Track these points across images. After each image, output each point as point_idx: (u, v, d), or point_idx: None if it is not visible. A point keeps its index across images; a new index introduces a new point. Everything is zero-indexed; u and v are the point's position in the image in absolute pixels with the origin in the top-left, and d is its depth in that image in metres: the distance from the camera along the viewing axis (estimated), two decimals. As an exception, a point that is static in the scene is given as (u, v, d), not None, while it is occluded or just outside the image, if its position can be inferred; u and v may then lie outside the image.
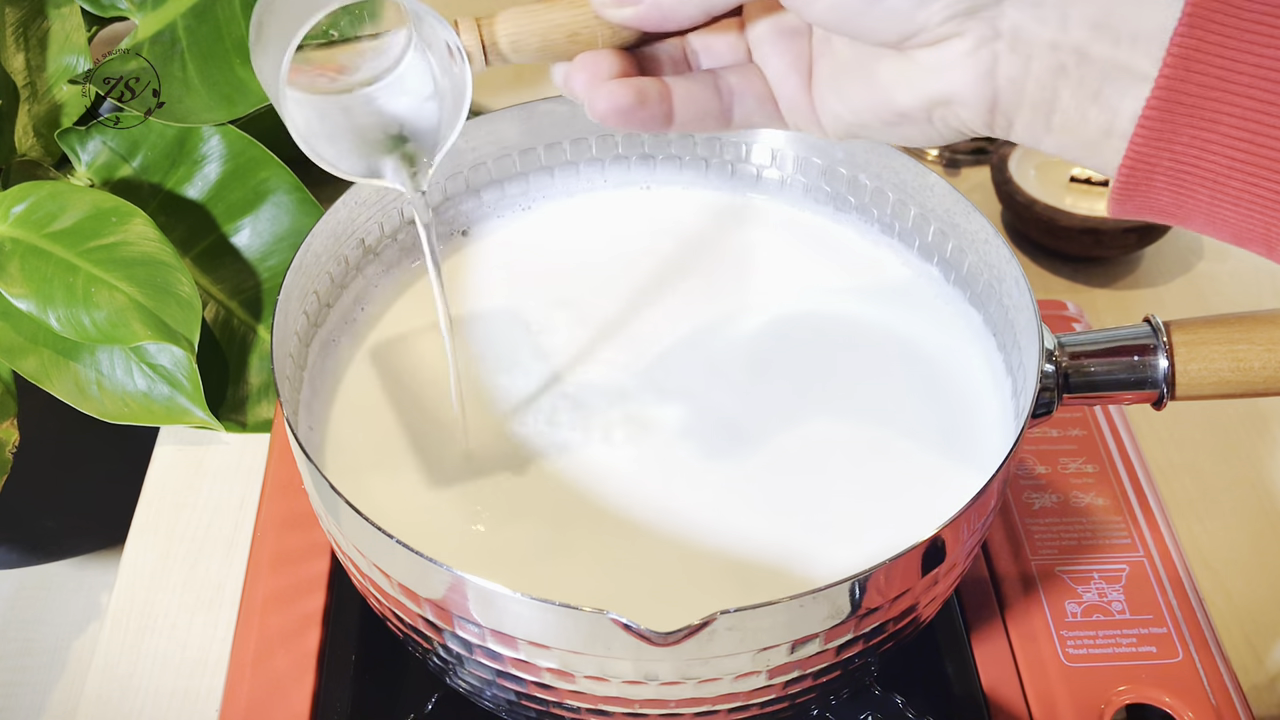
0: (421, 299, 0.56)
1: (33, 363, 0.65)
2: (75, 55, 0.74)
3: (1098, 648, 0.52)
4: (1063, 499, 0.58)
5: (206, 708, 0.56)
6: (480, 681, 0.44)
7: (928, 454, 0.49)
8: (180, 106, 0.69)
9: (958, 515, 0.40)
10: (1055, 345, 0.48)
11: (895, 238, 0.57)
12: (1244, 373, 0.47)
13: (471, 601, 0.39)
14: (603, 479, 0.48)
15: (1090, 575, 0.55)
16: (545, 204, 0.60)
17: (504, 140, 0.57)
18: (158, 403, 0.65)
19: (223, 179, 0.70)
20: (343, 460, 0.49)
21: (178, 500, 0.65)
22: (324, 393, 0.52)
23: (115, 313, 0.61)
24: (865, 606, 0.40)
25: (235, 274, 0.70)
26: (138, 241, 0.64)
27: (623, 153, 0.59)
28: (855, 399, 0.51)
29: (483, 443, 0.50)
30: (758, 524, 0.47)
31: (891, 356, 0.53)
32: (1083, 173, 0.80)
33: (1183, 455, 0.67)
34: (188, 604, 0.60)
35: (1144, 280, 0.78)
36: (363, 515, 0.40)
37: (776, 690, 0.42)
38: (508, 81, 0.97)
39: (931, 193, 0.54)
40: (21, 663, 1.14)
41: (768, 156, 0.58)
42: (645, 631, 0.36)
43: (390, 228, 0.56)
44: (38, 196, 0.65)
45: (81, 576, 1.19)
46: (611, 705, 0.42)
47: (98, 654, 0.58)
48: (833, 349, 0.53)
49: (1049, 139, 0.35)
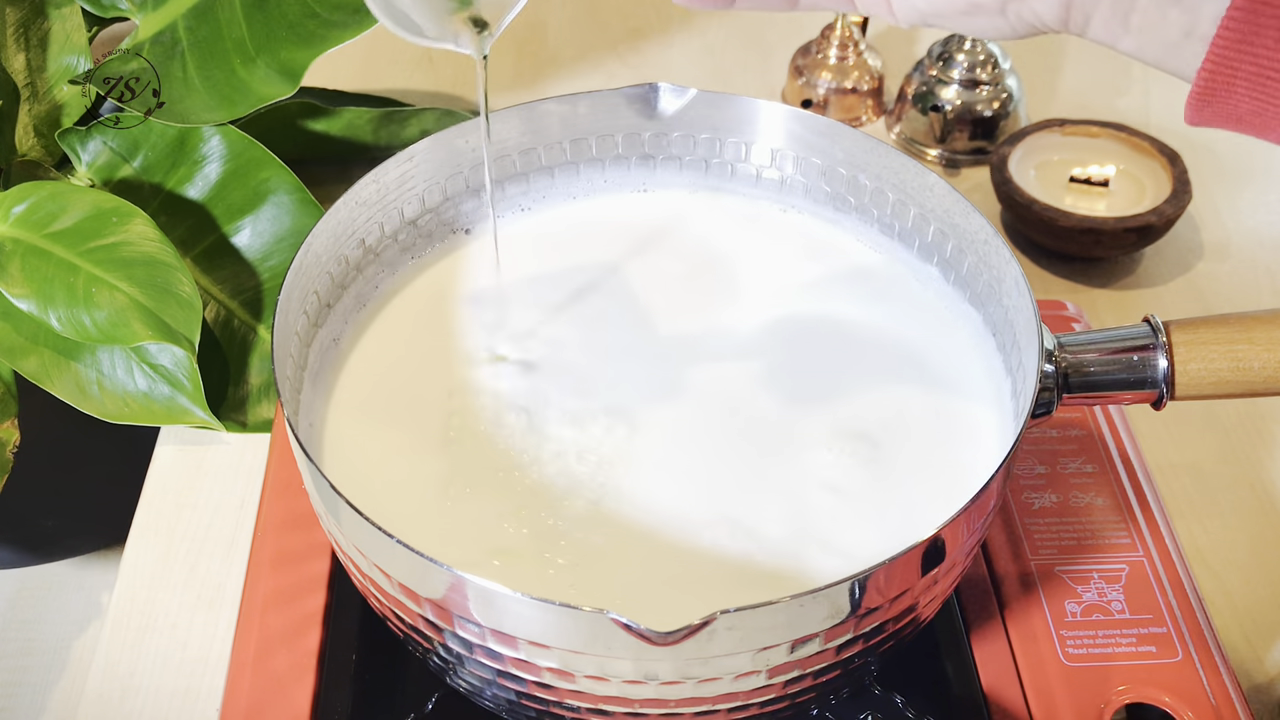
0: (421, 299, 0.56)
1: (33, 363, 0.65)
2: (76, 55, 0.74)
3: (1097, 647, 0.52)
4: (1063, 499, 0.58)
5: (207, 707, 0.56)
6: (480, 681, 0.44)
7: (927, 454, 0.49)
8: (181, 106, 0.69)
9: (957, 515, 0.40)
10: (1055, 345, 0.48)
11: (895, 238, 0.57)
12: (1243, 372, 0.47)
13: (471, 601, 0.39)
14: (602, 478, 0.48)
15: (1090, 575, 0.55)
16: (545, 204, 0.60)
17: (504, 140, 0.57)
18: (158, 403, 0.65)
19: (223, 179, 0.70)
20: (343, 460, 0.49)
21: (178, 500, 0.65)
22: (324, 393, 0.52)
23: (116, 313, 0.61)
24: (865, 606, 0.40)
25: (236, 274, 0.70)
26: (138, 242, 0.64)
27: (622, 153, 0.59)
28: (854, 399, 0.51)
29: (482, 442, 0.50)
30: (758, 524, 0.47)
31: (891, 356, 0.53)
32: (1083, 173, 0.80)
33: (1183, 455, 0.67)
34: (188, 604, 0.60)
35: (1144, 280, 0.78)
36: (363, 515, 0.40)
37: (776, 690, 0.42)
38: (508, 81, 0.97)
39: (931, 193, 0.54)
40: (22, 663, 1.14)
41: (767, 157, 0.59)
42: (645, 631, 0.36)
43: (390, 228, 0.56)
44: (38, 197, 0.65)
45: (82, 576, 1.19)
46: (611, 705, 0.42)
47: (98, 654, 0.58)
48: (832, 349, 0.53)
49: (1126, 39, 0.34)
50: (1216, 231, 0.82)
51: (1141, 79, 0.95)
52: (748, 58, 0.99)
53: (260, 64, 0.69)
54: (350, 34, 0.68)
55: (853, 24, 0.90)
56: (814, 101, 0.90)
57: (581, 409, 0.51)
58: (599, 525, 0.47)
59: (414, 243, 0.57)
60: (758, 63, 0.98)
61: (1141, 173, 0.80)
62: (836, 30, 0.90)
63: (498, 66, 0.98)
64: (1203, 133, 0.89)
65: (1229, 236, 0.82)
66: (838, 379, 0.52)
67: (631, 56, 0.99)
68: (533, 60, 0.99)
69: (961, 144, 0.87)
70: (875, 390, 0.52)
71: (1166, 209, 0.75)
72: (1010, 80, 0.86)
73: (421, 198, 0.56)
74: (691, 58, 0.99)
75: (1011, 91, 0.86)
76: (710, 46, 1.00)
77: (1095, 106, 0.92)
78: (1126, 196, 0.79)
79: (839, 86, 0.90)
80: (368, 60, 0.98)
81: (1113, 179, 0.80)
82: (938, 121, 0.86)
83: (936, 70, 0.86)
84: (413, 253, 0.57)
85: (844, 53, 0.90)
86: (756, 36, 1.01)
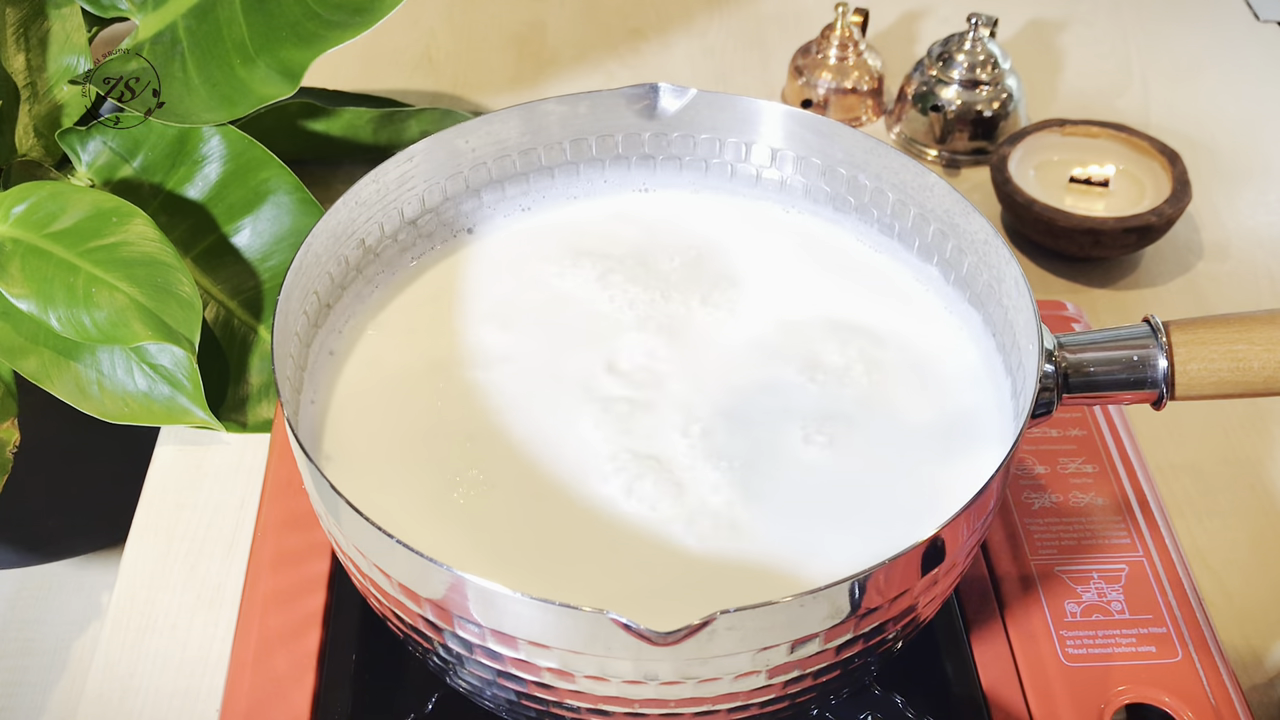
0: (421, 299, 0.56)
1: (33, 363, 0.65)
2: (76, 56, 0.74)
3: (1097, 648, 0.52)
4: (1062, 499, 0.58)
5: (207, 708, 0.56)
6: (480, 681, 0.44)
7: (927, 454, 0.49)
8: (180, 106, 0.69)
9: (957, 515, 0.40)
10: (1055, 345, 0.48)
11: (895, 238, 0.57)
12: (1243, 373, 0.47)
13: (472, 601, 0.39)
14: (602, 478, 0.48)
15: (1090, 575, 0.55)
16: (545, 204, 0.60)
17: (504, 140, 0.57)
18: (158, 403, 0.65)
19: (223, 179, 0.70)
20: (343, 460, 0.49)
21: (178, 500, 0.65)
22: (324, 393, 0.52)
23: (116, 313, 0.61)
24: (865, 606, 0.40)
25: (236, 274, 0.70)
26: (138, 242, 0.64)
27: (623, 153, 0.59)
28: (854, 398, 0.51)
29: (482, 441, 0.50)
30: (758, 523, 0.47)
31: (891, 356, 0.53)
32: (1083, 173, 0.80)
33: (1183, 455, 0.67)
34: (188, 604, 0.60)
35: (1143, 280, 0.78)
36: (363, 515, 0.40)
37: (776, 690, 0.42)
38: (508, 81, 0.97)
39: (931, 193, 0.54)
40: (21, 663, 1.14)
41: (768, 157, 0.59)
42: (645, 631, 0.36)
43: (390, 228, 0.56)
44: (38, 197, 0.65)
45: (81, 576, 1.19)
46: (611, 705, 0.42)
47: (98, 654, 0.58)
48: (832, 349, 0.53)
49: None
50: (1216, 231, 0.82)
51: (1141, 79, 0.95)
52: (748, 58, 0.99)
53: (260, 64, 0.69)
54: (350, 34, 0.68)
55: (853, 24, 0.90)
56: (814, 102, 0.90)
57: (578, 407, 0.51)
58: (600, 524, 0.47)
59: (414, 243, 0.57)
60: (758, 63, 0.98)
61: (1141, 173, 0.80)
62: (836, 30, 0.90)
63: (498, 66, 0.98)
64: (1203, 132, 0.89)
65: (1229, 236, 0.82)
66: (837, 378, 0.52)
67: (631, 57, 0.99)
68: (533, 60, 0.99)
69: (961, 144, 0.87)
70: (874, 390, 0.52)
71: (1166, 209, 0.75)
72: (1010, 80, 0.86)
73: (421, 198, 0.56)
74: (691, 58, 0.99)
75: (1011, 91, 0.86)
76: (710, 47, 1.00)
77: (1095, 106, 0.92)
78: (1126, 197, 0.79)
79: (839, 86, 0.90)
80: (368, 60, 0.98)
81: (1113, 179, 0.80)
82: (938, 121, 0.86)
83: (936, 70, 0.86)
84: (413, 253, 0.57)
85: (844, 53, 0.90)
86: (756, 37, 1.01)
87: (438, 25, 1.03)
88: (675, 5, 1.05)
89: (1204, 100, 0.92)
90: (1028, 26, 1.01)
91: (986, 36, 0.86)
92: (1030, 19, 1.02)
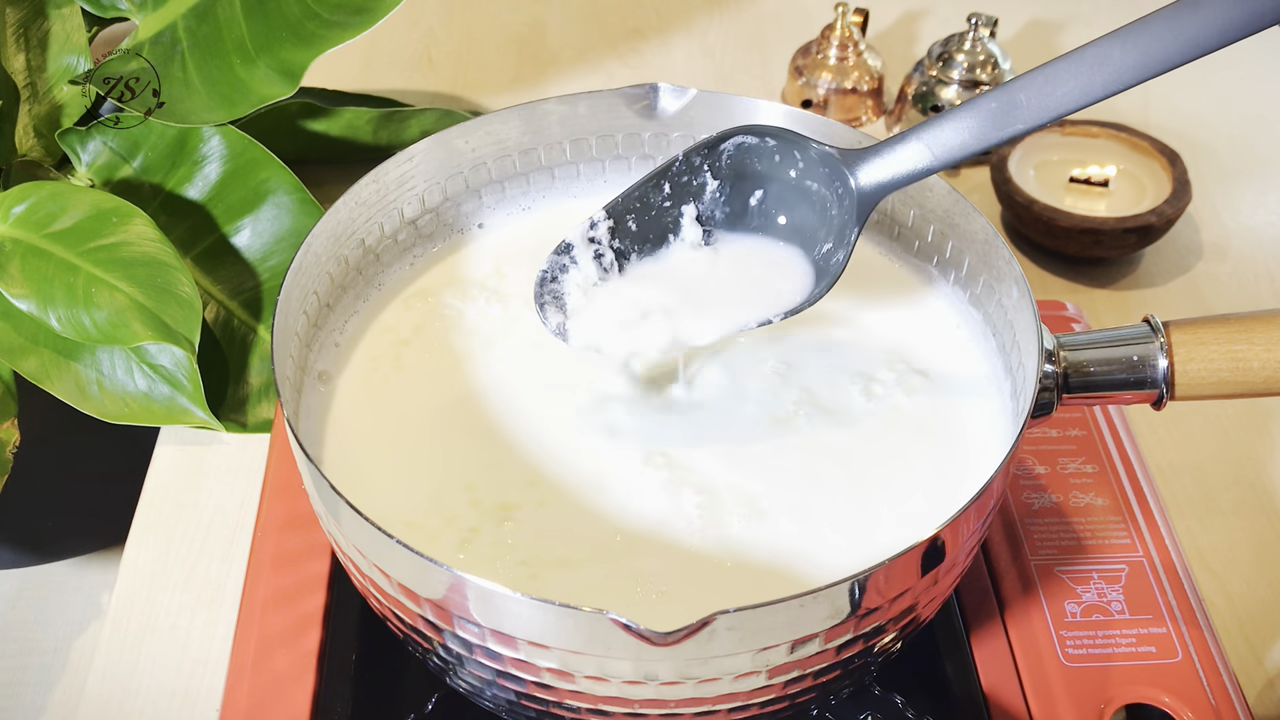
0: (421, 299, 0.56)
1: (33, 363, 0.65)
2: (76, 56, 0.74)
3: (1097, 648, 0.52)
4: (1062, 499, 0.58)
5: (207, 708, 0.56)
6: (480, 681, 0.44)
7: (927, 454, 0.49)
8: (180, 107, 0.69)
9: (957, 515, 0.40)
10: (1055, 345, 0.48)
11: (895, 238, 0.57)
12: (1243, 373, 0.47)
13: (471, 601, 0.39)
14: (601, 478, 0.48)
15: (1090, 575, 0.55)
16: (545, 204, 0.60)
17: (504, 140, 0.57)
18: (158, 403, 0.65)
19: (223, 179, 0.70)
20: (343, 460, 0.49)
21: (178, 500, 0.65)
22: (324, 393, 0.52)
23: (116, 313, 0.61)
24: (865, 606, 0.40)
25: (235, 274, 0.70)
26: (138, 242, 0.64)
27: (622, 153, 0.59)
28: (854, 399, 0.51)
29: (483, 441, 0.50)
30: (758, 524, 0.47)
31: (891, 357, 0.53)
32: (1082, 173, 0.80)
33: (1183, 455, 0.67)
34: (188, 604, 0.60)
35: (1143, 280, 0.78)
36: (363, 515, 0.40)
37: (776, 690, 0.42)
38: (508, 81, 0.97)
39: (931, 193, 0.54)
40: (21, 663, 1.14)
41: (768, 157, 0.58)
42: (645, 631, 0.36)
43: (390, 228, 0.56)
44: (38, 197, 0.65)
45: (81, 576, 1.19)
46: (611, 705, 0.42)
47: (98, 654, 0.58)
48: (832, 349, 0.53)
49: None
50: (1216, 232, 0.82)
51: (1141, 79, 0.95)
52: (748, 58, 0.99)
53: (260, 64, 0.69)
54: (350, 34, 0.68)
55: (853, 24, 0.90)
56: (814, 102, 0.90)
57: (578, 406, 0.51)
58: (600, 524, 0.47)
59: (414, 243, 0.57)
60: (758, 63, 0.98)
61: (1141, 173, 0.80)
62: (836, 30, 0.90)
63: (498, 66, 0.98)
64: (1203, 132, 0.89)
65: (1229, 237, 0.82)
66: (837, 378, 0.52)
67: (631, 56, 0.99)
68: (533, 60, 0.99)
69: (961, 144, 0.86)
70: (874, 390, 0.52)
71: (1166, 209, 0.75)
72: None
73: (421, 198, 0.56)
74: (691, 58, 0.99)
75: (1011, 92, 0.86)
76: (710, 47, 1.00)
77: (1095, 107, 0.92)
78: (1126, 197, 0.79)
79: (839, 87, 0.90)
80: (368, 60, 0.98)
81: (1113, 179, 0.80)
82: (938, 122, 0.86)
83: (936, 70, 0.86)
84: (413, 253, 0.57)
85: (844, 53, 0.90)
86: (756, 37, 1.01)
87: (438, 25, 1.03)
88: (675, 5, 1.05)
89: (1204, 100, 0.92)
90: (1028, 26, 1.01)
91: (986, 36, 0.86)
92: (1030, 19, 1.02)
